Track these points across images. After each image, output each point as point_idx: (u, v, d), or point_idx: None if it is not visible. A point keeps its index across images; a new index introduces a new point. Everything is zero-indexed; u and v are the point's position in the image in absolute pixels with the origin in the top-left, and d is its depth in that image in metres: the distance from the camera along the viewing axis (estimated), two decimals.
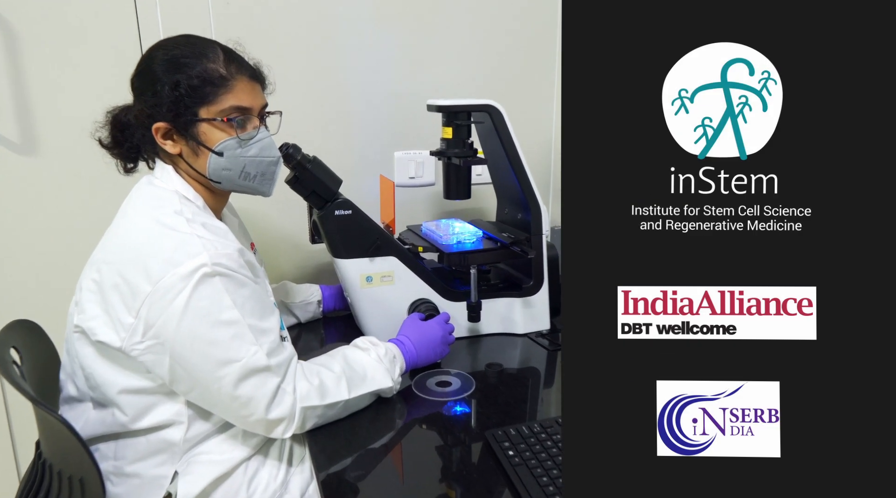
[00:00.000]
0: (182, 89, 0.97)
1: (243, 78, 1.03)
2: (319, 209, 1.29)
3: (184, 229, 0.95)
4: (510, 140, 1.31)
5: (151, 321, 0.91)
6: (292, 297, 1.46)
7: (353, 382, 1.06)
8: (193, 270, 0.91)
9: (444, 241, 1.40)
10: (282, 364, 0.98)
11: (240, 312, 0.93)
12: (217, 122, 1.00)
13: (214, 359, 0.92)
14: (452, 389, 1.18)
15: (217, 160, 1.02)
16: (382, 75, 1.62)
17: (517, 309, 1.39)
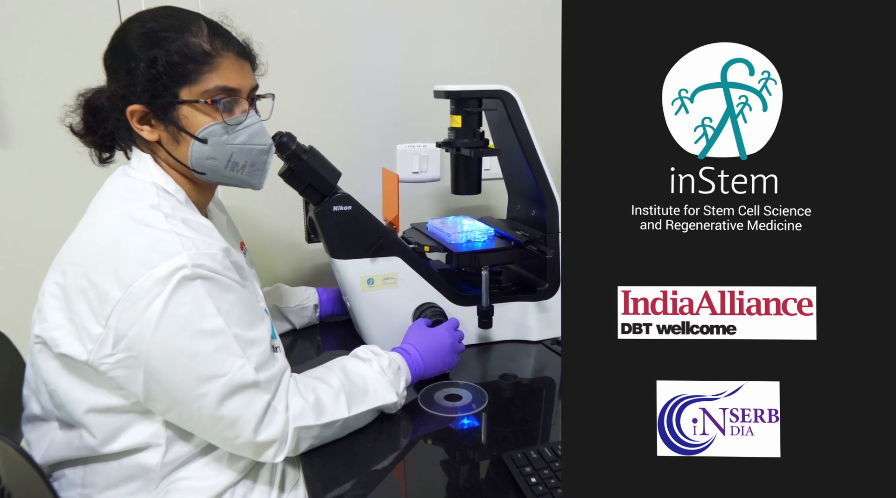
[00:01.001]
0: (160, 67, 0.99)
1: (230, 55, 1.05)
2: (316, 205, 1.37)
3: (161, 226, 0.97)
4: (525, 129, 1.40)
5: (123, 331, 0.93)
6: (286, 301, 1.55)
7: (353, 398, 1.09)
8: (171, 273, 0.93)
9: (453, 239, 1.49)
10: (272, 379, 1.00)
11: (224, 321, 0.96)
12: (200, 104, 1.03)
13: (195, 374, 0.94)
14: (463, 404, 1.24)
15: (200, 148, 1.05)
16: (386, 60, 1.72)
17: (531, 314, 1.50)
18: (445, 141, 1.47)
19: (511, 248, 1.47)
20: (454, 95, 1.40)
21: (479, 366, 1.42)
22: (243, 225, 1.53)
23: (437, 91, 1.43)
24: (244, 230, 1.43)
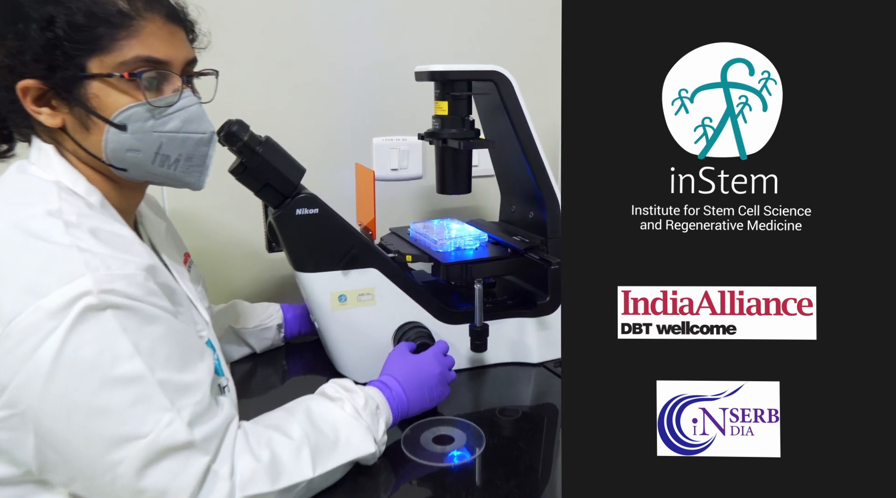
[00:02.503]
0: (58, 29, 0.99)
1: (156, 17, 1.06)
2: (275, 208, 1.45)
3: (58, 239, 0.96)
4: (521, 117, 1.55)
5: (3, 381, 0.92)
6: (244, 321, 1.68)
7: (320, 452, 1.11)
8: (69, 302, 0.91)
9: (439, 247, 1.65)
10: (212, 435, 1.00)
11: (145, 363, 0.95)
12: (115, 79, 1.03)
13: (105, 436, 0.93)
14: (455, 447, 1.31)
15: (118, 137, 1.05)
16: (359, 35, 1.87)
17: (530, 332, 1.69)
18: (429, 132, 1.61)
19: (508, 256, 1.63)
20: (439, 77, 1.53)
21: (471, 395, 1.56)
22: (190, 231, 1.62)
23: (419, 72, 1.57)
24: (192, 237, 1.51)
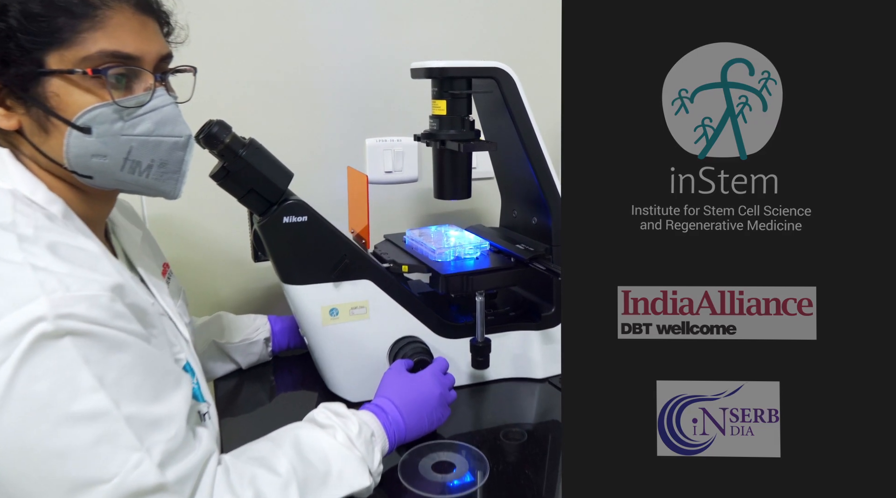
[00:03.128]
0: (11, 19, 1.00)
1: (124, 7, 1.07)
2: (261, 215, 1.50)
3: (10, 256, 0.96)
4: (524, 117, 1.64)
5: None
6: (229, 335, 1.75)
7: (309, 488, 1.13)
8: (21, 328, 0.91)
9: (437, 256, 1.74)
10: (188, 476, 1.00)
11: (109, 396, 0.94)
12: (78, 76, 1.04)
13: (64, 481, 0.93)
14: (457, 476, 1.35)
15: (81, 141, 1.07)
16: (351, 31, 1.96)
17: (534, 345, 1.79)
18: (426, 132, 1.68)
19: (512, 266, 1.72)
20: (437, 73, 1.60)
21: (472, 415, 1.64)
22: (171, 239, 1.70)
23: (415, 69, 1.65)
24: (172, 246, 1.57)
